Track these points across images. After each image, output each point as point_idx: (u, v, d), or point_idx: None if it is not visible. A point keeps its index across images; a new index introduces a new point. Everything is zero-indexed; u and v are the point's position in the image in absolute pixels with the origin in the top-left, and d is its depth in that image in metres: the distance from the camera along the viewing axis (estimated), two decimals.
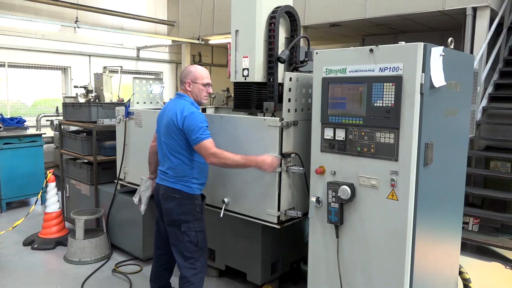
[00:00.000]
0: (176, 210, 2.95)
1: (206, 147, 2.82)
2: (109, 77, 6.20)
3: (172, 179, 2.98)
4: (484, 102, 6.07)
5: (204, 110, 4.73)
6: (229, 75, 3.59)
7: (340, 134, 2.68)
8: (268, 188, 3.03)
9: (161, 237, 3.26)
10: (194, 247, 2.98)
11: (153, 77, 10.31)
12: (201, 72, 3.07)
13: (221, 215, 3.27)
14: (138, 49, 10.46)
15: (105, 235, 4.58)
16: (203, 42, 10.10)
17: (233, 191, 3.29)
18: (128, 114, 4.19)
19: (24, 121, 6.96)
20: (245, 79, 3.37)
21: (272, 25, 3.28)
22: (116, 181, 4.47)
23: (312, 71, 2.86)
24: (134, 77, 4.58)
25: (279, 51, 3.33)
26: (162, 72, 11.23)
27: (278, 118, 2.96)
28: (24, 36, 8.22)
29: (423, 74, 2.36)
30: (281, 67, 3.36)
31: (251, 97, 3.41)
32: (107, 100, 5.96)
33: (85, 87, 6.26)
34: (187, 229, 2.95)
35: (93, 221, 4.78)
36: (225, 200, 3.29)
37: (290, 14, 3.44)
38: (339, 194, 2.63)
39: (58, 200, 5.00)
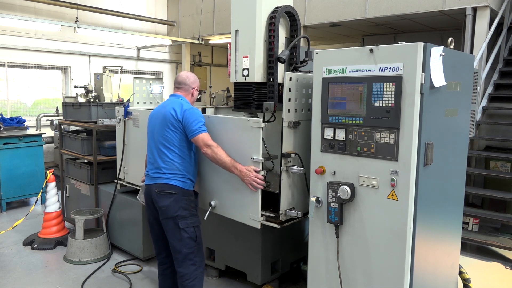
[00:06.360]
0: (173, 206, 2.99)
1: (203, 138, 2.97)
2: (109, 77, 6.19)
3: (168, 175, 3.03)
4: (484, 102, 6.07)
5: (204, 110, 4.74)
6: (229, 75, 3.59)
7: (340, 134, 2.68)
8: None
9: (160, 240, 3.22)
10: (193, 242, 3.03)
11: (153, 77, 10.32)
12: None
13: (205, 218, 3.24)
14: (138, 49, 10.46)
15: (105, 235, 4.58)
16: (203, 42, 10.10)
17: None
18: (127, 114, 4.19)
19: (24, 121, 6.96)
20: (245, 79, 3.37)
21: (272, 25, 3.28)
22: (116, 181, 4.47)
23: (312, 71, 2.86)
24: (134, 77, 4.60)
25: (279, 51, 3.33)
26: (162, 72, 11.23)
27: (261, 119, 2.93)
28: (24, 36, 8.22)
29: (423, 74, 2.36)
30: (281, 67, 3.36)
31: (251, 97, 3.40)
32: (107, 100, 5.96)
33: (85, 87, 6.26)
34: (186, 226, 3.00)
35: (93, 221, 4.78)
36: (212, 203, 3.27)
37: (290, 14, 3.44)
38: (339, 194, 2.63)
39: (58, 200, 4.99)
